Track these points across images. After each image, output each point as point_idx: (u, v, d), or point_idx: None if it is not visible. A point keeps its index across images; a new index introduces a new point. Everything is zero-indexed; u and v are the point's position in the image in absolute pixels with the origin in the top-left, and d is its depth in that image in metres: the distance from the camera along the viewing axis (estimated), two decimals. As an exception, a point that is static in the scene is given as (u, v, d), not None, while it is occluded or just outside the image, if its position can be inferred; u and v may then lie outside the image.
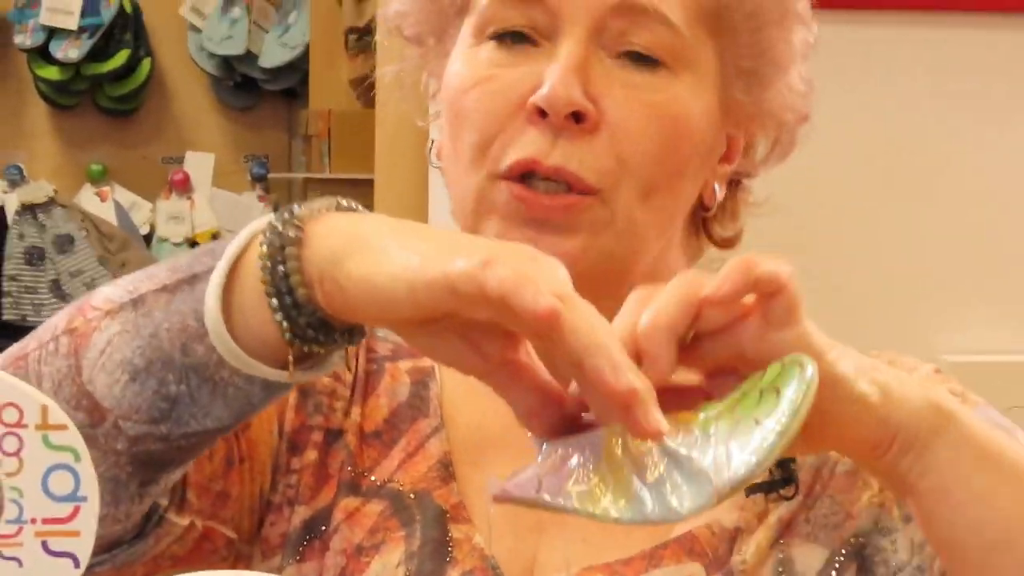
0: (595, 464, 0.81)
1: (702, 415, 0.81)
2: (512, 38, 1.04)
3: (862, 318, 1.77)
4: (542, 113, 1.01)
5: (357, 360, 1.12)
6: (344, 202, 0.91)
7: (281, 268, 0.87)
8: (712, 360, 0.84)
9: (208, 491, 1.05)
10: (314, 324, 0.88)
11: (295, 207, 0.89)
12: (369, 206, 0.95)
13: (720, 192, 1.11)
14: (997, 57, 1.83)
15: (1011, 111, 1.83)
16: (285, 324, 0.87)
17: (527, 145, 1.01)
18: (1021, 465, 0.90)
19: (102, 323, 0.92)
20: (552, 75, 1.01)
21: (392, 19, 1.14)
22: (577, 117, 1.01)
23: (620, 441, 0.81)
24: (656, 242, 1.07)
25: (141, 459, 0.93)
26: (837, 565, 1.04)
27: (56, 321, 0.95)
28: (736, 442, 0.78)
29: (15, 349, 0.97)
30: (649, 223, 1.05)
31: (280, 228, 0.87)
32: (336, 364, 0.92)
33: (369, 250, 0.84)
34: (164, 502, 1.01)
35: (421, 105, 1.16)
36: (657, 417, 0.77)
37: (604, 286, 1.04)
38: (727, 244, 1.15)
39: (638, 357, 0.81)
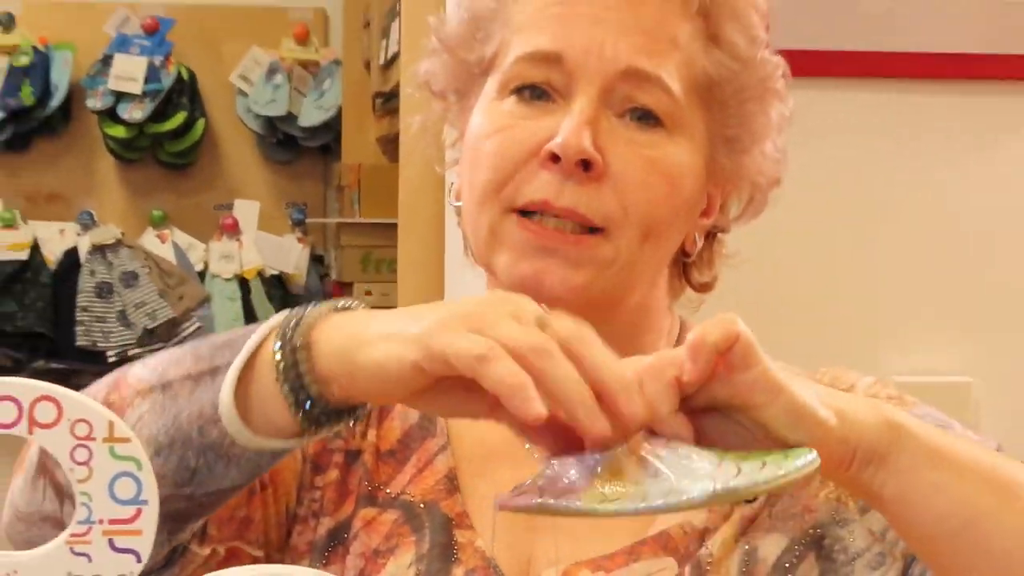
0: (595, 473, 0.81)
1: (713, 449, 0.81)
2: (531, 93, 1.04)
3: (825, 344, 1.77)
4: (555, 158, 1.01)
5: None
6: (342, 303, 0.91)
7: (294, 371, 0.88)
8: (694, 409, 0.84)
9: (232, 519, 1.04)
10: (326, 412, 0.89)
11: (303, 312, 0.90)
12: (394, 246, 0.95)
13: (699, 242, 1.11)
14: (935, 118, 1.83)
15: (950, 166, 1.84)
16: (302, 417, 0.88)
17: (540, 187, 1.01)
18: (966, 459, 0.90)
19: (134, 401, 0.93)
20: (567, 126, 1.01)
21: (422, 76, 1.14)
22: (585, 165, 1.01)
23: (624, 449, 0.81)
24: (647, 279, 1.07)
25: (170, 514, 0.93)
26: (797, 551, 1.03)
27: (95, 392, 0.95)
28: (744, 468, 0.79)
29: None
30: (645, 263, 1.05)
31: (291, 336, 0.88)
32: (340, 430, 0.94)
33: (371, 342, 0.85)
34: (187, 536, 1.01)
35: (440, 153, 1.16)
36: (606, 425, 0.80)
37: (600, 315, 1.05)
38: (703, 288, 1.15)
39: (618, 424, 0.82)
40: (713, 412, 0.84)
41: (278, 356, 0.88)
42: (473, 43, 1.09)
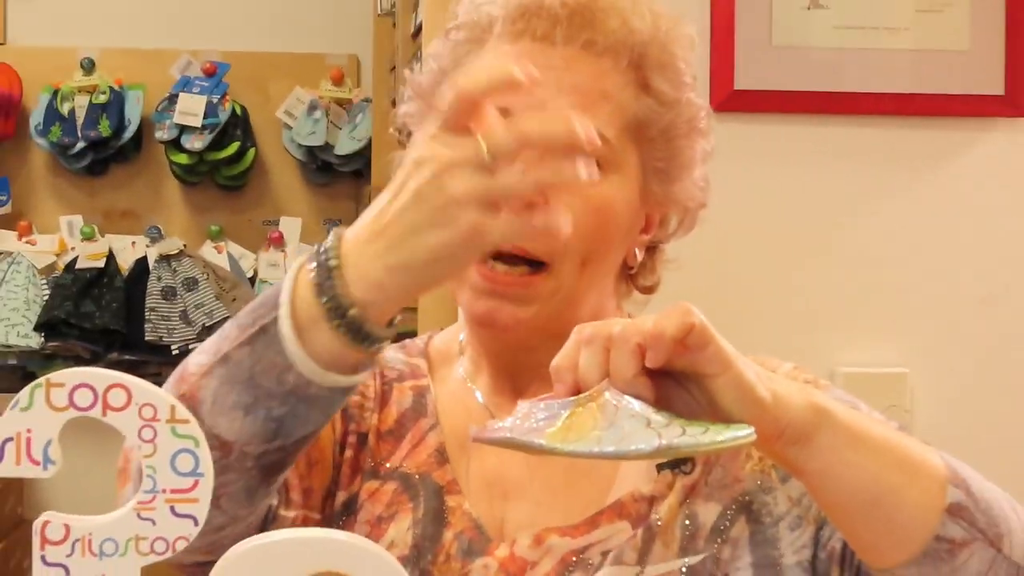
0: (559, 418, 0.80)
1: (665, 412, 0.81)
2: None
3: (776, 339, 1.77)
4: None
5: (376, 379, 1.12)
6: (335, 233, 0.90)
7: (330, 300, 0.86)
8: (652, 372, 0.83)
9: (299, 489, 1.04)
10: (369, 335, 0.88)
11: (321, 252, 0.88)
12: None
13: (640, 255, 1.12)
14: (875, 146, 1.83)
15: (887, 187, 1.84)
16: (351, 339, 0.87)
17: None
18: (879, 440, 0.90)
19: (202, 383, 0.91)
20: None
21: (400, 119, 1.15)
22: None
23: (586, 400, 0.80)
24: (591, 298, 1.07)
25: (266, 467, 0.92)
26: (729, 515, 1.03)
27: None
28: (688, 431, 0.78)
29: None
30: (585, 287, 1.05)
31: (317, 274, 0.87)
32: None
33: (395, 245, 0.86)
34: (275, 503, 1.00)
35: None
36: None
37: (552, 334, 1.05)
38: (648, 291, 1.16)
39: (578, 388, 0.82)
40: (668, 379, 0.83)
41: (322, 300, 0.87)
42: (440, 92, 1.09)
